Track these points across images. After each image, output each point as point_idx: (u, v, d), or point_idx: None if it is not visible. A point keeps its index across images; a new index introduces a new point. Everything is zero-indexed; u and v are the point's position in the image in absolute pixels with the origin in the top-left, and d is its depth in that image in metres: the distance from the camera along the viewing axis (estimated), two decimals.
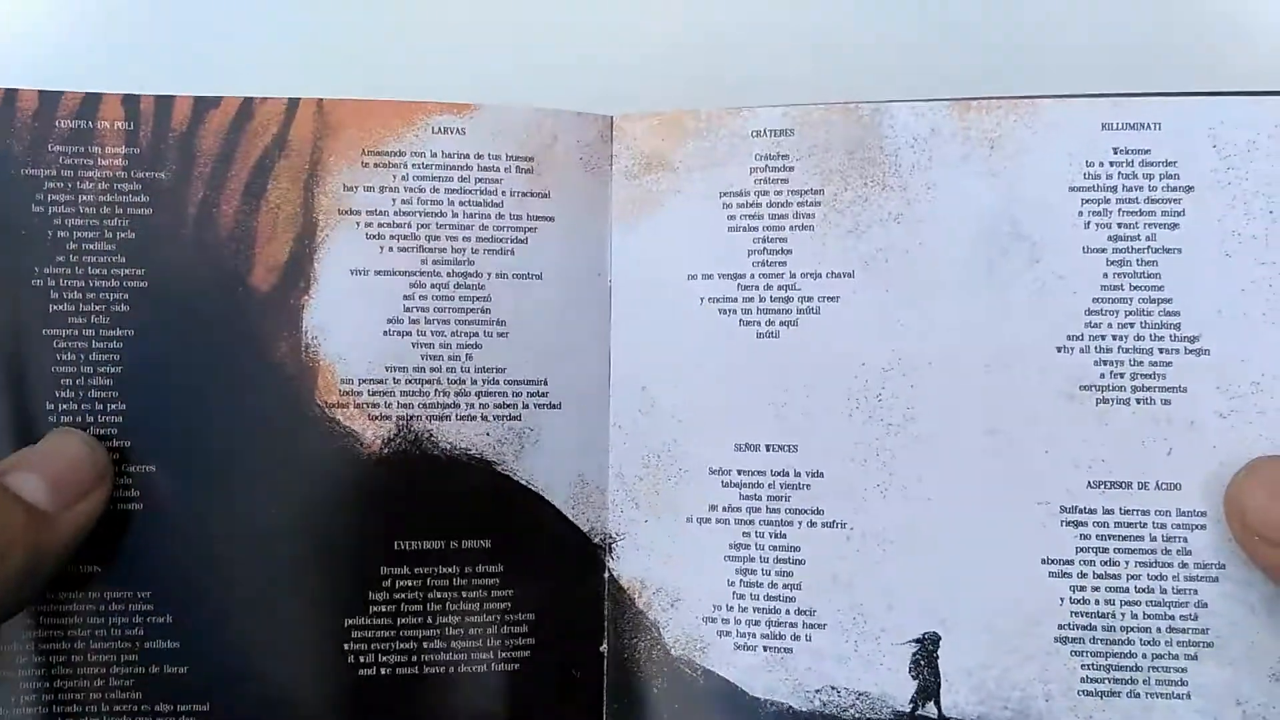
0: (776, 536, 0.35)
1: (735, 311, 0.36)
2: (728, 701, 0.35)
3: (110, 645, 0.33)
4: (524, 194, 0.36)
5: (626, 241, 0.36)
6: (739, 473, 0.35)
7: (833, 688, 0.34)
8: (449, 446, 0.35)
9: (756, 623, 0.35)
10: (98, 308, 0.34)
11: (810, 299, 0.35)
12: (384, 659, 0.34)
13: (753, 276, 0.35)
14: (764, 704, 0.35)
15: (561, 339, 0.36)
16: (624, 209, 0.36)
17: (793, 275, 0.35)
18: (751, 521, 0.35)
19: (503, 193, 0.35)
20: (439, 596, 0.34)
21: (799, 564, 0.35)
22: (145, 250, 0.34)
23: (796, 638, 0.35)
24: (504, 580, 0.35)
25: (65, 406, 0.33)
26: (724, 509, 0.35)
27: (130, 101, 0.34)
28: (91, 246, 0.34)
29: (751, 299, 0.35)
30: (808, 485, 0.35)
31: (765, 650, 0.35)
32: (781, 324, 0.35)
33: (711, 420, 0.36)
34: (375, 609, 0.34)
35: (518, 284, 0.35)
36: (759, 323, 0.35)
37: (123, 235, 0.34)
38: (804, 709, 0.34)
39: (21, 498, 0.31)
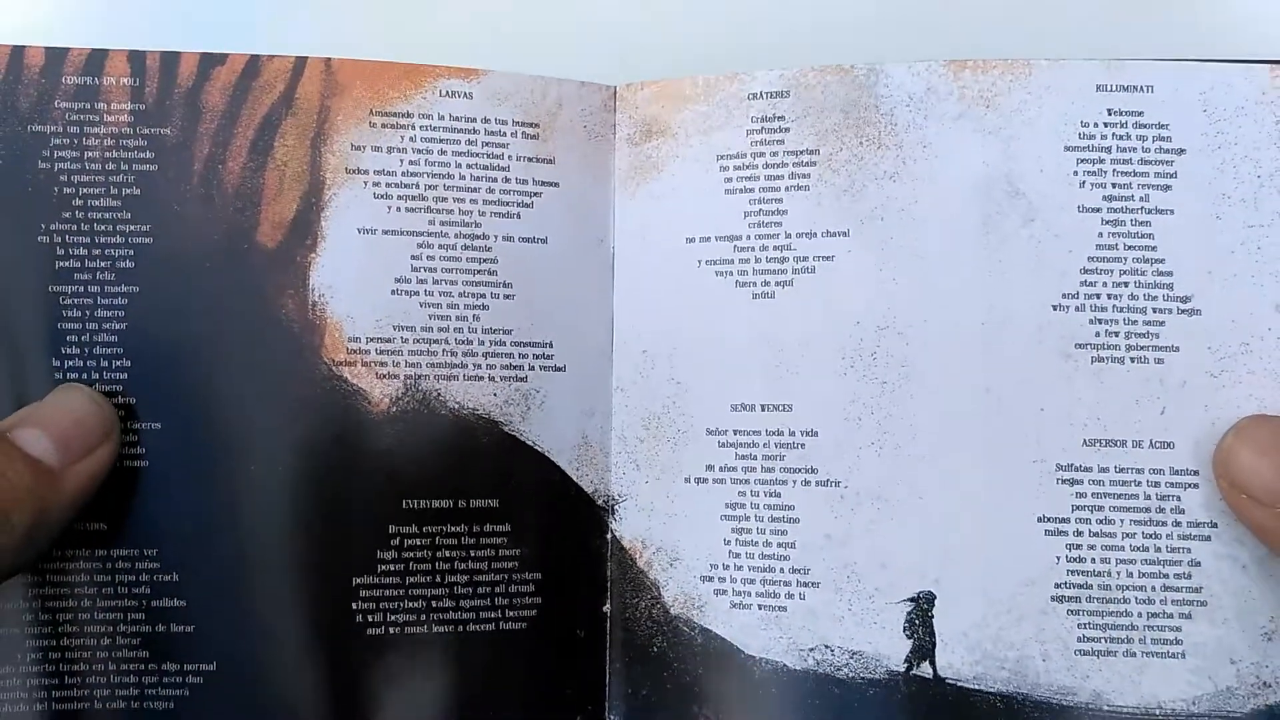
0: (771, 496, 0.35)
1: (731, 273, 0.36)
2: (724, 660, 0.35)
3: (117, 604, 0.33)
4: (529, 159, 0.36)
5: (628, 208, 0.37)
6: (735, 433, 0.35)
7: (826, 646, 0.34)
8: (457, 406, 0.35)
9: (752, 581, 0.35)
10: (103, 264, 0.33)
11: (805, 259, 0.35)
12: (393, 618, 0.34)
13: (748, 238, 0.36)
14: (759, 662, 0.35)
15: (565, 302, 0.36)
16: (626, 176, 0.37)
17: (788, 236, 0.35)
18: (747, 481, 0.35)
19: (509, 157, 0.36)
20: (447, 555, 0.34)
21: (793, 523, 0.35)
22: (151, 206, 0.34)
23: (790, 596, 0.35)
24: (511, 540, 0.35)
25: (71, 363, 0.33)
26: (720, 469, 0.35)
27: (136, 58, 0.34)
28: (97, 203, 0.34)
29: (748, 260, 0.36)
30: (802, 445, 0.35)
31: (760, 609, 0.35)
32: (777, 284, 0.35)
33: (708, 381, 0.36)
34: (384, 568, 0.34)
35: (523, 247, 0.36)
36: (754, 284, 0.35)
37: (128, 191, 0.34)
38: (798, 667, 0.34)
39: (28, 454, 0.30)
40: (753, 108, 0.36)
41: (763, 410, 0.35)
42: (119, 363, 0.33)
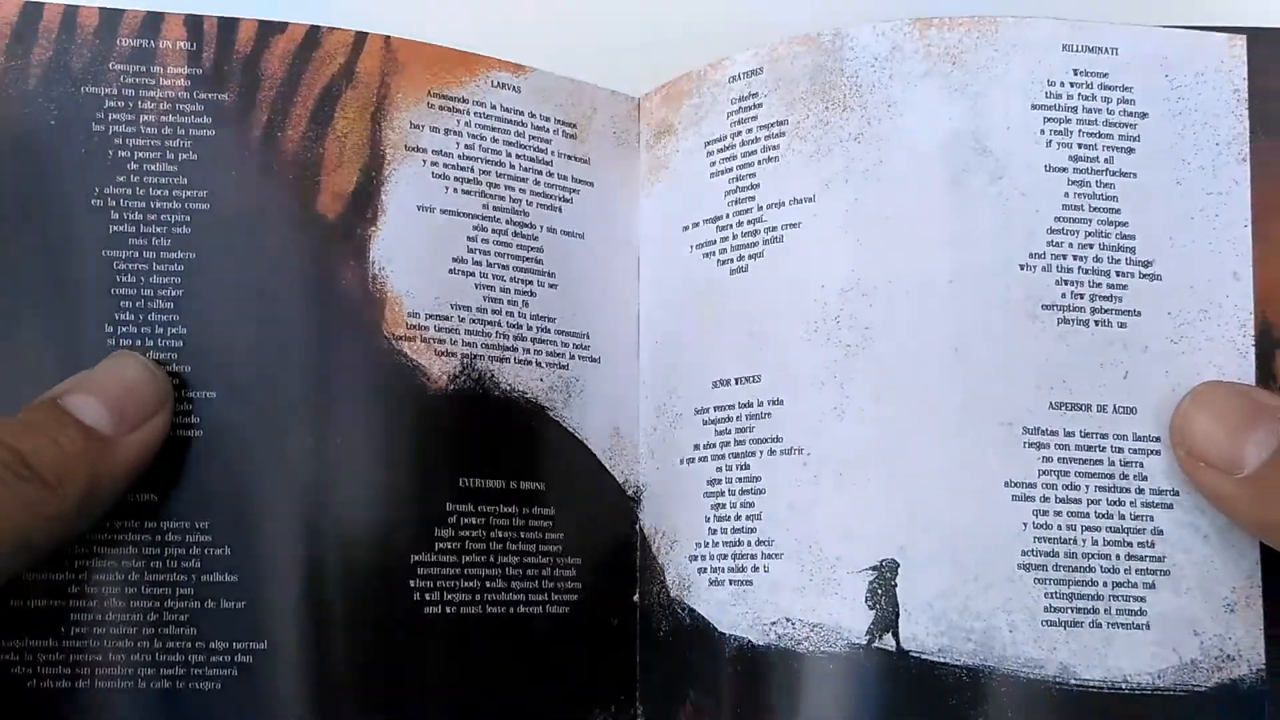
0: (742, 469, 0.35)
1: (714, 253, 0.36)
2: (704, 639, 0.35)
3: (165, 578, 0.31)
4: (569, 157, 0.37)
5: (646, 207, 0.38)
6: (714, 409, 0.35)
7: (788, 619, 0.33)
8: (508, 388, 0.35)
9: (725, 557, 0.35)
10: (159, 229, 0.32)
11: (774, 228, 0.35)
12: (449, 597, 0.33)
13: (728, 216, 0.36)
14: (728, 640, 0.34)
15: (599, 297, 0.37)
16: (645, 179, 0.38)
17: (760, 208, 0.35)
18: (723, 456, 0.35)
19: (552, 153, 0.37)
20: (500, 536, 0.34)
21: (760, 494, 0.34)
22: (208, 171, 0.33)
23: (756, 569, 0.34)
24: (555, 524, 0.35)
25: (125, 329, 0.32)
26: (703, 447, 0.35)
27: (192, 22, 0.33)
28: (153, 167, 0.32)
29: (727, 238, 0.36)
30: (768, 414, 0.34)
31: (730, 584, 0.34)
32: (750, 257, 0.35)
33: (695, 362, 0.36)
34: (441, 545, 0.34)
35: (564, 240, 0.37)
36: (732, 260, 0.36)
37: (185, 156, 0.33)
38: (761, 643, 0.33)
39: (81, 421, 0.29)
40: (732, 90, 0.37)
41: (736, 384, 0.35)
42: (174, 329, 0.32)
